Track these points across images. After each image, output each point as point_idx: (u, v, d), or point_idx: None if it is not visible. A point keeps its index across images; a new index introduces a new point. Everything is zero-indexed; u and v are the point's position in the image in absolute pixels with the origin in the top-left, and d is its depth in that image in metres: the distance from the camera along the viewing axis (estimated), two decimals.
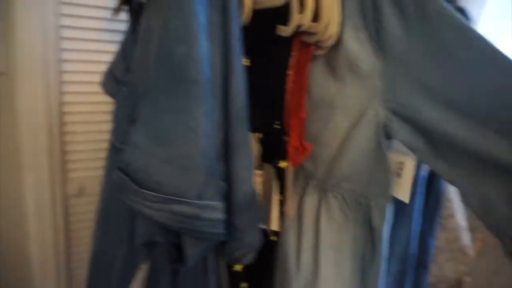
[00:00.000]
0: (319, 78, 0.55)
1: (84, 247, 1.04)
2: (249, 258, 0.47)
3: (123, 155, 0.37)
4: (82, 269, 1.03)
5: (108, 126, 0.94)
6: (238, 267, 0.54)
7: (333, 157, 0.55)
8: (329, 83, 0.54)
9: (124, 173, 0.36)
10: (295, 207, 0.58)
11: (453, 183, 0.47)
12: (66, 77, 0.88)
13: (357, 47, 0.49)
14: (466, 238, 0.83)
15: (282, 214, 0.55)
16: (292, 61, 0.52)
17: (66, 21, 0.84)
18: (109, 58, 0.90)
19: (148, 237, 0.41)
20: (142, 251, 0.45)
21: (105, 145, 0.95)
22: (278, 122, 0.52)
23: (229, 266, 0.54)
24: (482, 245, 0.93)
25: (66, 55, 0.87)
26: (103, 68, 0.90)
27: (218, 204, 0.38)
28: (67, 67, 0.88)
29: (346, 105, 0.52)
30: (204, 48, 0.36)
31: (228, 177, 0.43)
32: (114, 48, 0.89)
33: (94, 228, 0.76)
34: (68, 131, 0.92)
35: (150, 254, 0.45)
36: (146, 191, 0.35)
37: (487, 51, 0.41)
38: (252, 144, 0.50)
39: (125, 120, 0.64)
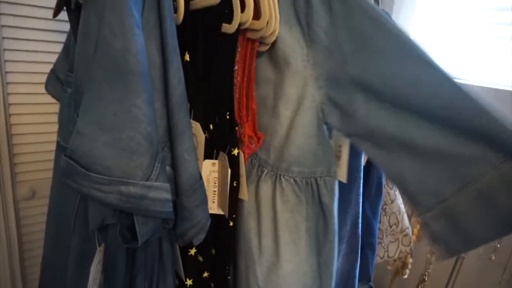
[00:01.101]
0: (263, 72, 0.59)
1: (38, 251, 1.02)
2: (200, 238, 0.50)
3: (70, 143, 0.39)
4: (36, 274, 1.01)
5: (56, 127, 0.93)
6: (193, 251, 0.57)
7: (282, 144, 0.59)
8: (272, 76, 0.58)
9: (71, 159, 0.38)
10: (251, 193, 0.62)
11: (375, 160, 0.52)
12: (10, 78, 0.86)
13: (291, 41, 0.53)
14: (406, 221, 0.91)
15: (237, 200, 0.59)
16: (238, 56, 0.55)
17: (8, 21, 0.82)
18: (54, 58, 0.89)
19: (101, 221, 0.43)
20: (98, 237, 0.46)
21: (54, 146, 0.95)
22: (229, 113, 0.55)
23: (186, 253, 0.57)
24: (420, 228, 1.01)
25: (8, 56, 0.84)
26: (48, 68, 0.89)
27: (164, 185, 0.41)
28: (11, 67, 0.85)
29: (287, 95, 0.56)
30: (140, 42, 0.39)
31: (173, 161, 0.46)
32: (59, 48, 0.89)
33: (46, 228, 0.75)
34: (14, 133, 0.90)
35: (105, 238, 0.46)
36: (95, 174, 0.38)
37: (401, 41, 0.46)
38: (198, 132, 0.53)
39: (71, 121, 0.64)
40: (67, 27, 0.85)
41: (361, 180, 0.68)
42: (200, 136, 0.54)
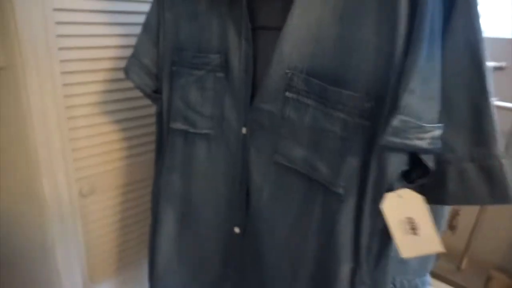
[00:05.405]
0: None
1: (101, 247, 0.99)
2: None
3: (401, 102, 0.43)
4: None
5: (112, 117, 0.89)
6: None
7: None
8: None
9: (404, 116, 0.44)
10: None
11: None
12: (66, 67, 0.79)
13: None
14: None
15: None
16: None
17: (60, 4, 0.75)
18: (107, 42, 0.84)
19: (399, 169, 0.48)
20: (395, 184, 0.50)
21: (109, 138, 0.91)
22: None
23: None
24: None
25: (63, 42, 0.77)
26: (102, 54, 0.84)
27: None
28: (66, 55, 0.79)
29: None
30: None
31: None
32: (112, 31, 0.84)
33: (158, 221, 0.73)
34: (71, 127, 0.84)
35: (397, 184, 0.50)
36: (424, 124, 0.44)
37: None
38: None
39: (201, 103, 0.64)
40: (118, 6, 0.81)
41: None
42: None
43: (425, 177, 0.49)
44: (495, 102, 1.02)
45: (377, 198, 0.50)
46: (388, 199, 0.49)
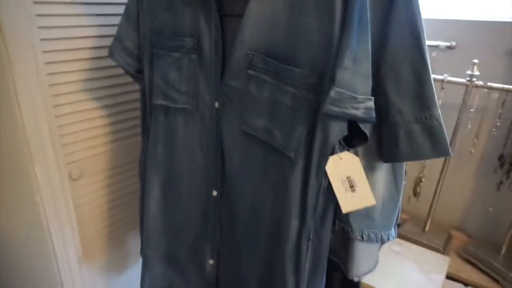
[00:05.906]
0: None
1: (92, 228, 1.05)
2: None
3: (338, 77, 0.51)
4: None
5: (95, 104, 0.94)
6: None
7: None
8: None
9: (339, 88, 0.52)
10: None
11: None
12: (49, 57, 0.83)
13: None
14: None
15: None
16: None
17: None
18: (87, 32, 0.88)
19: (340, 135, 0.56)
20: (337, 149, 0.58)
21: (94, 124, 0.96)
22: None
23: None
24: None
25: (45, 34, 0.81)
26: (83, 44, 0.88)
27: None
28: (48, 46, 0.82)
29: None
30: None
31: None
32: (91, 21, 0.88)
33: (147, 192, 0.80)
34: (57, 115, 0.88)
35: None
36: (358, 96, 0.52)
37: None
38: None
39: (183, 81, 0.70)
40: None
41: None
42: None
43: (364, 143, 0.58)
44: (447, 78, 1.12)
45: (322, 161, 0.58)
46: (331, 161, 0.58)
